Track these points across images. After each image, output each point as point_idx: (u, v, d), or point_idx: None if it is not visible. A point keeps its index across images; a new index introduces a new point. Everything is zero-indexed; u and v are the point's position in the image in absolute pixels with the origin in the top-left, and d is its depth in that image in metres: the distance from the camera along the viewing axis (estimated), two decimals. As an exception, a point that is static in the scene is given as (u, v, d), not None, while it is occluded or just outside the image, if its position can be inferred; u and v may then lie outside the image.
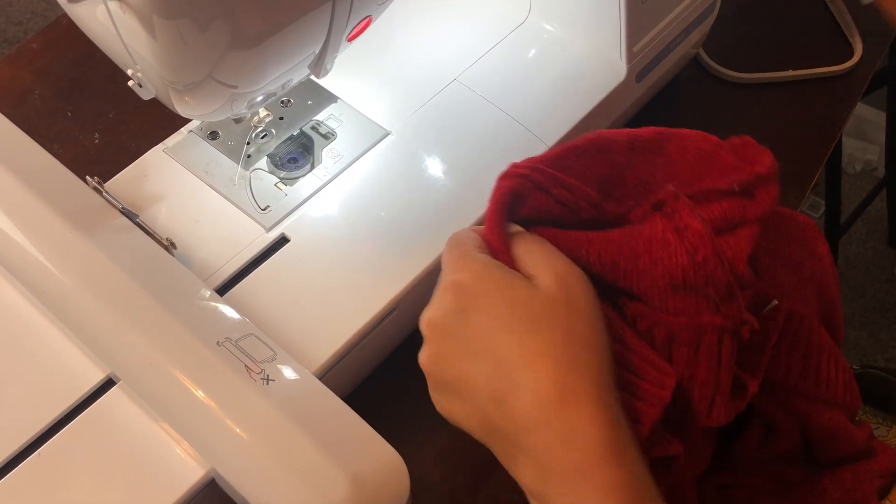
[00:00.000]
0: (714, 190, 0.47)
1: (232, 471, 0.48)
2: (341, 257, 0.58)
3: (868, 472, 0.52)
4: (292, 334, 0.54)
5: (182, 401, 0.49)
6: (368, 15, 0.54)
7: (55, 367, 0.52)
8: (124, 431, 0.50)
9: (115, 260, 0.52)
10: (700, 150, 0.49)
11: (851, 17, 0.87)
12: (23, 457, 0.49)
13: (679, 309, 0.43)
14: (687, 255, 0.43)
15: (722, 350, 0.44)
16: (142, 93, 0.53)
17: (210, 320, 0.52)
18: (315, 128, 0.65)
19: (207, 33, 0.46)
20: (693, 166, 0.48)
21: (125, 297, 0.51)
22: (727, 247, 0.45)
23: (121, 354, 0.51)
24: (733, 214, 0.46)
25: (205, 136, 0.64)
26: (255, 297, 0.56)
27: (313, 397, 0.49)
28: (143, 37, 0.46)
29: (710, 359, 0.44)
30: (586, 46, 0.70)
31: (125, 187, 0.61)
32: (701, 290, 0.43)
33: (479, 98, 0.68)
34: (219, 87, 0.51)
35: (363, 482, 0.46)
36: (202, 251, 0.58)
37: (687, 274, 0.43)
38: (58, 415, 0.50)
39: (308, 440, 0.47)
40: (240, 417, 0.48)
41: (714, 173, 0.48)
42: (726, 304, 0.43)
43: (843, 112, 0.81)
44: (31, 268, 0.53)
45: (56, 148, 0.74)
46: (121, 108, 0.77)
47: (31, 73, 0.79)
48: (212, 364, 0.49)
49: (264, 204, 0.61)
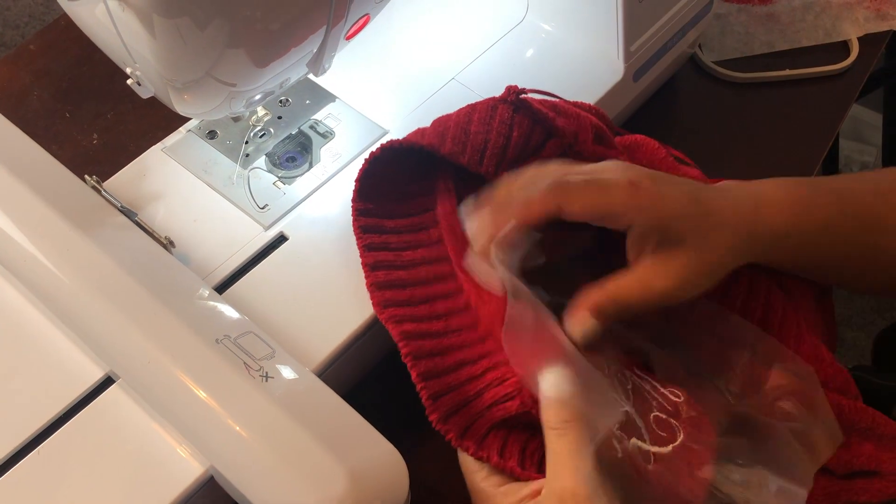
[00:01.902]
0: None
1: (231, 468, 0.48)
2: (340, 255, 0.58)
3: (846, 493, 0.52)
4: (291, 332, 0.54)
5: (181, 399, 0.49)
6: (366, 13, 0.54)
7: (54, 365, 0.52)
8: (123, 429, 0.50)
9: (114, 258, 0.52)
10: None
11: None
12: (22, 454, 0.49)
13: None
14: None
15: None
16: (141, 91, 0.53)
17: (209, 318, 0.52)
18: (313, 127, 0.65)
19: (206, 31, 0.46)
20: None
21: (124, 295, 0.51)
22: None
23: (120, 352, 0.51)
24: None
25: (203, 136, 0.64)
26: (253, 295, 0.56)
27: (312, 395, 0.50)
28: (143, 35, 0.47)
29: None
30: (583, 45, 0.71)
31: (124, 186, 0.61)
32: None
33: (477, 97, 0.68)
34: (217, 86, 0.51)
35: (362, 479, 0.46)
36: (201, 250, 0.59)
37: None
38: (57, 413, 0.50)
39: (307, 437, 0.47)
40: (239, 415, 0.48)
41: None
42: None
43: (840, 112, 0.82)
44: (30, 266, 0.53)
45: (55, 148, 0.74)
46: (119, 108, 0.77)
47: (30, 74, 0.79)
48: (210, 362, 0.49)
49: (263, 203, 0.61)
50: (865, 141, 1.84)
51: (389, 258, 0.54)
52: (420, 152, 0.55)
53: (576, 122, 0.57)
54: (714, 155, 0.76)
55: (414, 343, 0.51)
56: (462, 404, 0.51)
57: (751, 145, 0.79)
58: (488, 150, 0.55)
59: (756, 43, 0.85)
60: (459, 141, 0.54)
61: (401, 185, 0.57)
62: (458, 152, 0.54)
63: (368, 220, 0.56)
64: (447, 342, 0.52)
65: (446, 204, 0.56)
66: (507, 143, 0.55)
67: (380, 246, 0.55)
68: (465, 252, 0.54)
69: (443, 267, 0.55)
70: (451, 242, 0.54)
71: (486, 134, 0.55)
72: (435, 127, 0.56)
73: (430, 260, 0.55)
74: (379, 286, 0.53)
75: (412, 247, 0.55)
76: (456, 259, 0.54)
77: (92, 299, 0.51)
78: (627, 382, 0.53)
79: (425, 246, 0.55)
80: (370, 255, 0.54)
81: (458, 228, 0.54)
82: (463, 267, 0.54)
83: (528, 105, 0.56)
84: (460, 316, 0.53)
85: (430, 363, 0.51)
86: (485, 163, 0.55)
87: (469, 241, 0.54)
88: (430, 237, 0.56)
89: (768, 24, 0.86)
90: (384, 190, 0.57)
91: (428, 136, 0.55)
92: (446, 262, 0.55)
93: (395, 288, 0.53)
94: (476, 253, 0.53)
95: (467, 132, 0.55)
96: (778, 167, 0.76)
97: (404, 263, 0.54)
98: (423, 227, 0.56)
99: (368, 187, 0.56)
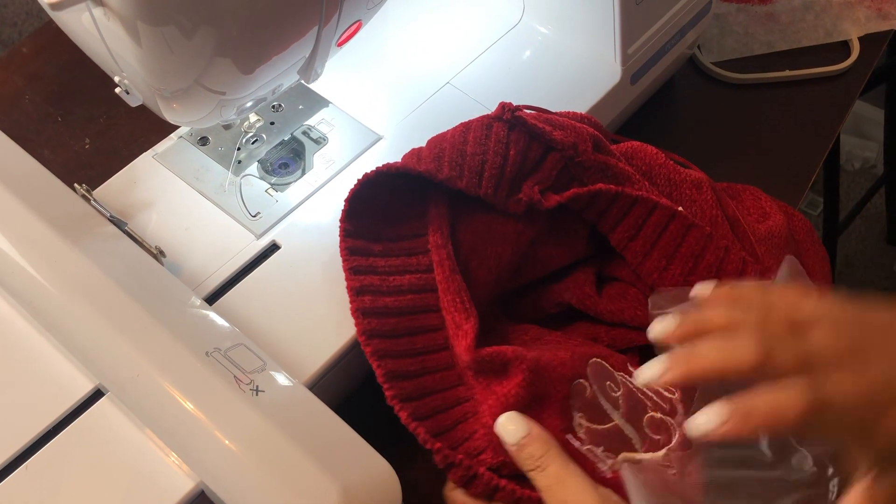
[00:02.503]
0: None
1: (221, 483, 0.47)
2: (333, 264, 0.58)
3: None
4: (282, 344, 0.54)
5: (170, 412, 0.48)
6: (358, 20, 0.54)
7: (42, 377, 0.51)
8: (113, 443, 0.50)
9: (104, 269, 0.52)
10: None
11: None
12: (10, 469, 0.48)
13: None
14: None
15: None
16: (129, 100, 0.52)
17: (199, 330, 0.51)
18: (306, 133, 0.64)
19: (193, 40, 0.45)
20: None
21: (113, 306, 0.51)
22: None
23: (109, 365, 0.50)
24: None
25: (195, 142, 0.63)
26: (245, 305, 0.56)
27: (303, 408, 0.49)
28: (129, 43, 0.46)
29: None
30: (580, 48, 0.70)
31: (114, 195, 0.60)
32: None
33: (473, 101, 0.67)
34: (206, 94, 0.50)
35: (354, 493, 0.46)
36: (192, 259, 0.58)
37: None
38: (45, 427, 0.50)
39: (298, 451, 0.46)
40: (229, 429, 0.47)
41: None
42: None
43: (841, 112, 0.81)
44: (18, 277, 0.52)
45: (46, 153, 0.74)
46: (112, 112, 0.76)
47: (22, 78, 0.79)
48: (201, 375, 0.48)
49: (255, 210, 0.60)
50: (867, 137, 1.84)
51: (376, 283, 0.53)
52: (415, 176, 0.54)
53: (573, 133, 0.56)
54: (714, 157, 0.75)
55: (397, 385, 0.50)
56: (456, 447, 0.50)
57: (751, 147, 0.78)
58: (486, 171, 0.54)
59: (756, 43, 0.84)
60: (456, 164, 0.54)
61: (391, 207, 0.56)
62: (455, 177, 0.53)
63: (356, 241, 0.54)
64: (425, 383, 0.51)
65: (438, 235, 0.54)
66: (504, 161, 0.54)
67: (366, 269, 0.54)
68: (450, 288, 0.53)
69: (428, 298, 0.54)
70: (439, 276, 0.53)
71: (483, 154, 0.54)
72: (430, 149, 0.55)
73: (417, 288, 0.54)
74: (364, 312, 0.52)
75: (399, 272, 0.54)
76: (443, 295, 0.53)
77: (81, 311, 0.51)
78: (618, 388, 0.52)
79: (412, 272, 0.54)
80: (356, 278, 0.53)
81: (449, 264, 0.53)
82: (446, 306, 0.53)
83: (524, 121, 0.55)
84: (438, 354, 0.53)
85: (412, 406, 0.50)
86: (483, 185, 0.54)
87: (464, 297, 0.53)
88: (419, 264, 0.55)
89: (768, 25, 0.85)
90: (373, 211, 0.55)
91: (424, 162, 0.53)
92: (432, 292, 0.54)
93: (381, 316, 0.52)
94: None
95: (463, 153, 0.54)
96: (778, 169, 0.76)
97: (391, 289, 0.53)
98: (413, 252, 0.55)
99: (358, 208, 0.55)
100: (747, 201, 0.65)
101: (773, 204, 0.64)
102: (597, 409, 0.51)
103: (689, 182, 0.60)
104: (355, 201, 0.54)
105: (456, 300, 0.52)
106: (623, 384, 0.52)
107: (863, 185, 1.77)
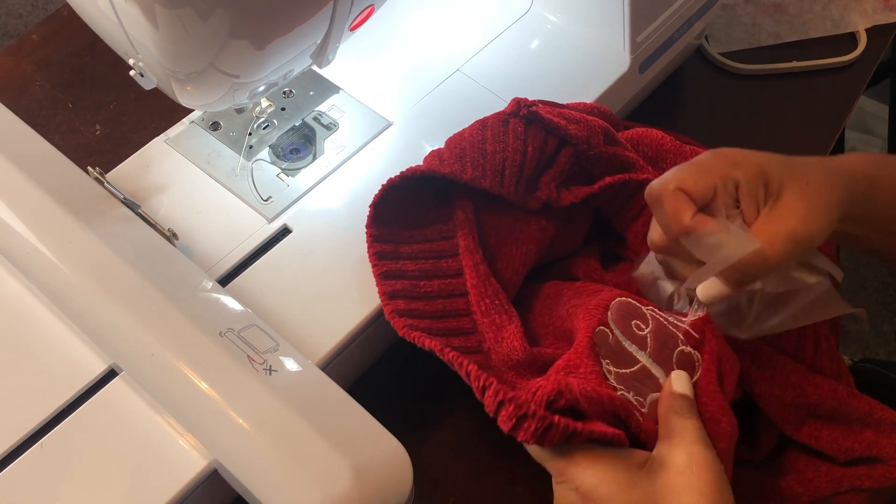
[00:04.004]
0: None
1: (234, 462, 0.47)
2: (343, 248, 0.58)
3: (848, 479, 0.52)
4: (295, 325, 0.54)
5: (184, 392, 0.48)
6: (371, 4, 0.54)
7: (57, 358, 0.52)
8: (126, 422, 0.50)
9: (117, 251, 0.52)
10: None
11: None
12: (25, 447, 0.49)
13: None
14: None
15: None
16: (143, 82, 0.53)
17: (212, 311, 0.51)
18: (317, 118, 0.65)
19: (209, 22, 0.46)
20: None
21: (127, 287, 0.51)
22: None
23: (123, 345, 0.50)
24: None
25: (206, 127, 0.64)
26: (257, 287, 0.56)
27: (316, 388, 0.49)
28: (145, 26, 0.46)
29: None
30: (589, 37, 0.70)
31: (127, 178, 0.61)
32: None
33: (482, 89, 0.67)
34: (220, 77, 0.50)
35: (366, 473, 0.46)
36: (204, 242, 0.58)
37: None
38: (60, 405, 0.50)
39: (311, 431, 0.47)
40: (242, 408, 0.47)
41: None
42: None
43: (847, 103, 0.81)
44: (33, 259, 0.53)
45: (57, 139, 0.74)
46: (122, 99, 0.76)
47: (32, 65, 0.79)
48: (214, 355, 0.49)
49: (266, 195, 0.60)
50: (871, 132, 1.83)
51: (407, 287, 0.54)
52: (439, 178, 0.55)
53: (586, 126, 0.57)
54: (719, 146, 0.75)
55: (452, 352, 0.51)
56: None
57: (757, 137, 0.78)
58: (507, 169, 0.55)
59: (763, 34, 0.85)
60: (479, 164, 0.54)
61: (416, 208, 0.56)
62: (479, 177, 0.54)
63: (384, 245, 0.55)
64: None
65: (469, 239, 0.55)
66: (523, 159, 0.55)
67: (396, 274, 0.54)
68: (487, 292, 0.54)
69: (457, 303, 0.54)
70: (473, 281, 0.54)
71: (503, 152, 0.55)
72: (451, 149, 0.55)
73: (447, 293, 0.55)
74: (400, 314, 0.52)
75: (428, 276, 0.55)
76: (476, 300, 0.54)
77: (95, 292, 0.51)
78: (646, 326, 0.52)
79: (441, 277, 0.55)
80: (387, 283, 0.53)
81: (483, 268, 0.54)
82: (481, 308, 0.54)
83: (540, 116, 0.56)
84: (471, 356, 0.53)
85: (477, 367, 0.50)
86: (505, 183, 0.55)
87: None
88: (448, 268, 0.55)
89: (776, 16, 0.86)
90: (399, 213, 0.56)
91: (447, 163, 0.54)
92: (462, 297, 0.55)
93: (415, 317, 0.53)
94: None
95: (484, 152, 0.55)
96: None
97: (421, 294, 0.54)
98: (442, 255, 0.56)
99: (383, 212, 0.55)
100: None
101: None
102: (622, 354, 0.51)
103: None
104: (380, 206, 0.55)
105: (496, 302, 0.54)
106: (653, 318, 0.52)
107: (866, 180, 1.77)
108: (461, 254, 0.55)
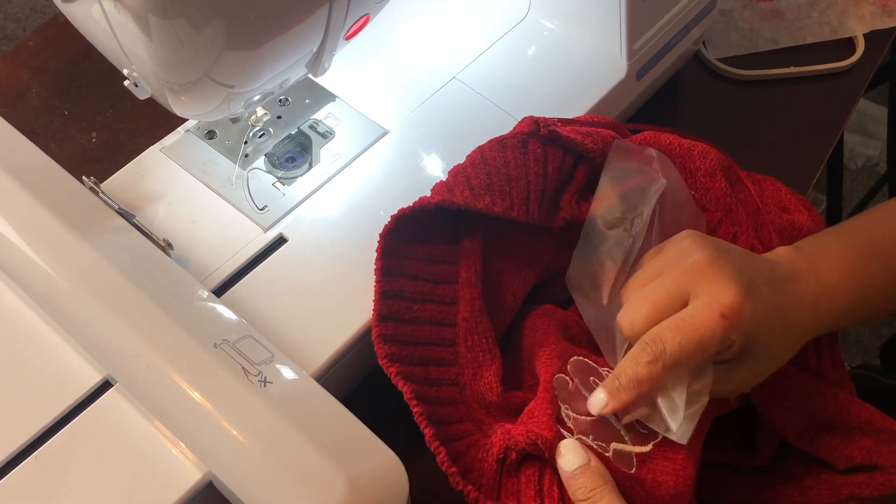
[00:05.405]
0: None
1: (229, 473, 0.47)
2: (340, 257, 0.58)
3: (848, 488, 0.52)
4: (290, 335, 0.54)
5: (179, 403, 0.48)
6: (366, 13, 0.54)
7: (51, 369, 0.52)
8: (121, 434, 0.50)
9: (112, 261, 0.52)
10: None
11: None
12: (20, 459, 0.49)
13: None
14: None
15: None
16: (138, 92, 0.52)
17: (207, 322, 0.51)
18: (313, 127, 0.65)
19: (203, 33, 0.45)
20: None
21: (122, 298, 0.51)
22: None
23: (117, 356, 0.50)
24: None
25: (202, 136, 0.63)
26: (252, 298, 0.56)
27: (311, 399, 0.49)
28: (139, 36, 0.46)
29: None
30: (586, 44, 0.70)
31: (122, 187, 0.61)
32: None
33: (479, 96, 0.67)
34: (215, 87, 0.50)
35: (361, 485, 0.46)
36: (199, 252, 0.58)
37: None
38: (55, 417, 0.50)
39: (306, 443, 0.47)
40: (237, 420, 0.47)
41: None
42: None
43: (845, 109, 0.81)
44: (27, 269, 0.52)
45: (53, 146, 0.74)
46: (118, 106, 0.76)
47: (29, 71, 0.79)
48: (209, 366, 0.49)
49: (262, 204, 0.60)
50: (870, 135, 1.83)
51: (401, 310, 0.53)
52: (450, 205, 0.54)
53: (599, 139, 0.57)
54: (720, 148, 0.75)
55: (420, 406, 0.51)
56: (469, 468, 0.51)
57: (755, 143, 0.78)
58: (532, 194, 0.55)
59: (761, 40, 0.84)
60: (506, 193, 0.54)
61: (423, 220, 0.56)
62: (507, 207, 0.54)
63: (390, 259, 0.54)
64: (440, 412, 0.52)
65: (471, 272, 0.55)
66: (545, 182, 0.55)
67: (395, 294, 0.53)
68: (477, 329, 0.54)
69: (444, 332, 0.54)
70: (466, 314, 0.54)
71: (526, 177, 0.55)
72: (476, 173, 0.55)
73: (437, 321, 0.54)
74: (386, 339, 0.52)
75: (423, 299, 0.54)
76: (464, 333, 0.54)
77: (89, 303, 0.51)
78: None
79: (435, 303, 0.54)
80: (385, 303, 0.53)
81: (479, 304, 0.54)
82: (467, 343, 0.54)
83: (559, 135, 0.56)
84: (448, 388, 0.53)
85: (435, 430, 0.50)
86: (531, 209, 0.55)
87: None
88: (444, 294, 0.55)
89: (773, 21, 0.86)
90: (407, 225, 0.55)
91: (477, 193, 0.54)
92: (450, 328, 0.54)
93: (400, 343, 0.53)
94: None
95: (509, 178, 0.55)
96: (782, 166, 0.76)
97: (413, 318, 0.54)
98: (440, 280, 0.55)
99: (400, 229, 0.55)
100: (767, 190, 0.65)
101: (792, 197, 0.65)
102: (581, 400, 0.52)
103: (703, 171, 0.61)
104: (401, 220, 0.54)
105: (482, 341, 0.54)
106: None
107: (866, 183, 1.77)
108: (460, 284, 0.55)
